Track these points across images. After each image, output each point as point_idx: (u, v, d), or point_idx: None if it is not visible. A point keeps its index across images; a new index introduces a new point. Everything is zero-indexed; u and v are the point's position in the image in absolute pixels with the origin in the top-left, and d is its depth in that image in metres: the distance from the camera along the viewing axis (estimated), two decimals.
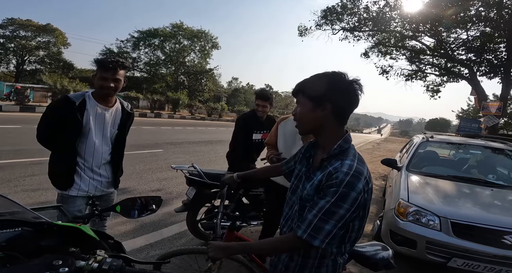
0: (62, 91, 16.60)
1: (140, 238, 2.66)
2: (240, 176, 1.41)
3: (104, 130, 1.72)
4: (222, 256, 0.96)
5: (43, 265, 0.71)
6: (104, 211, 1.12)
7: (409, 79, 13.75)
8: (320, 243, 0.83)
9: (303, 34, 14.06)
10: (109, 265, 0.75)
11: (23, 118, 10.92)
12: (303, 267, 0.97)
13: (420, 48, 12.84)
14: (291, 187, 1.08)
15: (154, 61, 37.34)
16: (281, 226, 1.08)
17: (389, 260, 1.23)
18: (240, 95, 50.55)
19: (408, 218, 2.44)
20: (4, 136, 6.66)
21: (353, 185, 0.82)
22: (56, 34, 35.61)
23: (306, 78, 0.96)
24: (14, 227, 0.82)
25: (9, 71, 36.35)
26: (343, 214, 0.81)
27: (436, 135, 4.67)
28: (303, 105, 0.94)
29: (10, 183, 3.67)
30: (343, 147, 0.91)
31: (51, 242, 0.86)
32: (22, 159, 4.83)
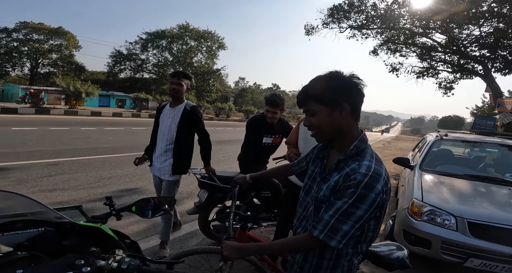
0: (75, 93, 17.06)
1: (153, 237, 2.69)
2: (253, 177, 1.41)
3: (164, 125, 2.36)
4: (236, 256, 0.95)
5: (66, 265, 0.72)
6: (120, 211, 1.12)
7: (420, 76, 13.43)
8: (337, 243, 0.82)
9: (310, 33, 13.92)
10: (127, 264, 0.76)
11: (38, 120, 11.29)
12: (318, 268, 0.96)
13: (431, 45, 12.53)
14: (304, 188, 1.07)
15: (162, 62, 37.85)
16: (295, 226, 1.08)
17: (405, 260, 1.21)
18: (247, 95, 50.67)
19: (422, 217, 2.39)
20: (21, 138, 6.89)
21: (372, 186, 0.81)
22: (67, 37, 36.51)
23: (309, 84, 0.91)
24: (37, 227, 0.84)
25: (24, 74, 37.51)
26: (361, 215, 0.81)
27: (450, 133, 4.55)
28: (318, 112, 0.89)
29: (28, 184, 3.78)
30: (360, 148, 0.89)
31: (73, 241, 0.87)
32: (38, 160, 4.97)
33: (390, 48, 13.38)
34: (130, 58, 37.20)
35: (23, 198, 0.93)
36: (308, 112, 0.91)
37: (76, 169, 4.70)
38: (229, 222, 1.25)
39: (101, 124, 11.94)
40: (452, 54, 12.29)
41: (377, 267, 1.25)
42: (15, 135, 7.22)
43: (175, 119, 2.33)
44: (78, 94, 16.96)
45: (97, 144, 7.06)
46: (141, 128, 11.84)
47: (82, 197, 3.51)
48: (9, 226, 0.81)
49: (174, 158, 2.33)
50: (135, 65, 37.89)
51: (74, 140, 7.32)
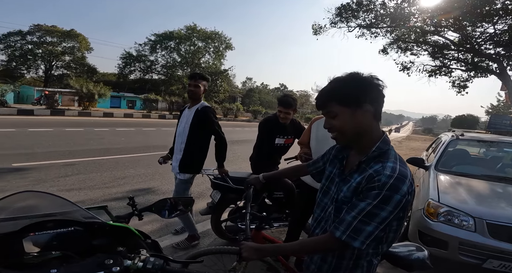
0: (88, 95, 17.47)
1: (166, 237, 2.73)
2: (266, 176, 1.42)
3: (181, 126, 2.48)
4: (255, 257, 0.96)
5: (97, 264, 0.74)
6: (142, 211, 1.15)
7: (433, 75, 13.11)
8: (361, 244, 0.82)
9: (317, 33, 13.79)
10: (152, 264, 0.77)
11: (54, 121, 11.63)
12: (337, 268, 0.96)
13: (444, 43, 12.21)
14: (322, 189, 1.07)
15: (171, 64, 38.26)
16: (312, 227, 1.08)
17: (425, 260, 1.19)
18: (255, 95, 50.65)
19: (439, 218, 2.37)
20: (39, 138, 7.11)
21: (398, 188, 0.80)
22: (79, 39, 37.33)
23: (329, 86, 0.91)
24: (67, 227, 0.86)
25: (38, 76, 38.59)
26: (386, 216, 0.81)
27: (466, 132, 4.44)
28: (339, 114, 0.88)
29: (46, 184, 3.90)
30: (383, 149, 0.89)
31: (102, 241, 0.89)
32: (55, 160, 5.12)
33: (400, 46, 13.11)
34: (140, 59, 37.81)
35: (53, 198, 0.94)
36: (329, 114, 0.91)
37: (91, 169, 4.83)
38: (246, 223, 1.26)
39: (113, 125, 12.19)
40: (465, 52, 11.95)
41: (394, 267, 1.24)
42: (32, 136, 7.46)
43: (189, 120, 2.40)
44: (91, 95, 17.36)
45: (110, 145, 7.22)
46: (151, 129, 12.03)
47: (97, 197, 3.60)
48: (40, 226, 0.84)
49: (183, 157, 2.39)
50: (145, 66, 38.49)
51: (89, 141, 7.50)
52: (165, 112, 23.70)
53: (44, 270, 0.70)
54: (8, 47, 34.86)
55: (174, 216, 1.22)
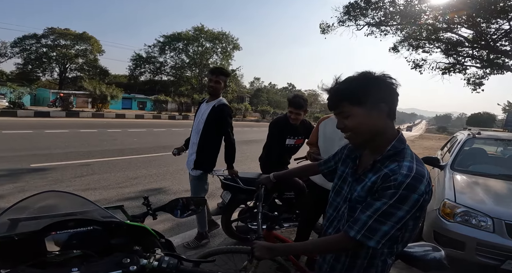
0: (101, 97, 17.92)
1: (177, 236, 2.77)
2: (276, 176, 1.42)
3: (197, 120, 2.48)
4: (268, 256, 0.96)
5: (115, 263, 0.75)
6: (156, 210, 1.16)
7: (446, 72, 12.74)
8: (376, 243, 0.82)
9: (325, 32, 13.63)
10: (167, 263, 0.78)
11: (69, 123, 11.99)
12: (351, 267, 0.96)
13: (457, 40, 11.85)
14: (334, 188, 1.06)
15: (179, 65, 38.74)
16: (324, 227, 1.07)
17: (442, 260, 1.17)
18: (263, 95, 50.63)
19: (455, 219, 2.33)
20: (55, 140, 7.35)
21: (415, 187, 0.79)
22: (91, 42, 38.26)
23: (341, 86, 0.90)
24: (86, 226, 0.88)
25: (53, 79, 39.84)
26: (403, 216, 0.80)
27: (482, 131, 4.30)
28: (353, 114, 0.87)
29: (62, 184, 4.02)
30: (398, 148, 0.88)
31: (119, 240, 0.91)
32: (71, 161, 5.28)
33: (411, 44, 12.80)
34: (149, 61, 38.50)
35: (73, 197, 0.96)
36: (342, 114, 0.90)
37: (105, 169, 4.95)
38: (258, 222, 1.27)
39: (125, 126, 12.45)
40: (480, 49, 11.56)
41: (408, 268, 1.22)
42: (49, 137, 7.72)
43: (204, 115, 2.42)
44: (104, 97, 17.80)
45: (123, 146, 7.38)
46: (161, 130, 12.23)
47: (112, 197, 3.68)
48: (61, 225, 0.86)
49: (197, 153, 2.41)
50: (154, 67, 39.15)
51: (102, 142, 7.69)
52: (174, 113, 24.03)
53: (66, 269, 0.72)
54: (23, 50, 36.09)
55: (186, 216, 1.23)
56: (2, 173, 4.24)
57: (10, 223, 0.87)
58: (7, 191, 3.53)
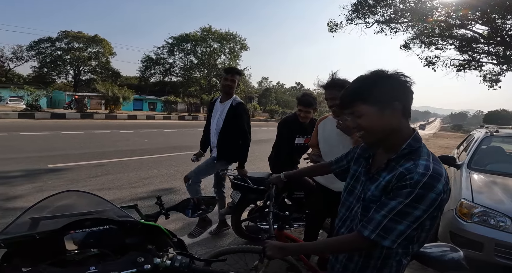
0: (114, 98, 18.35)
1: (187, 236, 2.81)
2: (287, 175, 1.42)
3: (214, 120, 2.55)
4: (279, 255, 0.97)
5: (130, 262, 0.76)
6: (169, 210, 1.17)
7: (461, 69, 12.35)
8: (391, 243, 0.81)
9: (333, 30, 13.43)
10: (179, 262, 0.78)
11: (84, 124, 12.35)
12: (364, 267, 0.95)
13: (472, 37, 11.46)
14: (346, 188, 1.05)
15: (188, 65, 39.17)
16: (337, 226, 1.07)
17: (461, 261, 1.13)
18: (271, 94, 50.57)
19: (473, 219, 2.27)
20: (71, 141, 7.59)
21: (432, 186, 0.78)
22: (103, 44, 39.22)
23: (354, 85, 0.89)
24: (102, 225, 0.90)
25: (68, 81, 41.13)
26: (419, 215, 0.78)
27: (500, 128, 4.14)
28: (366, 113, 0.86)
29: (78, 184, 4.14)
30: (414, 147, 0.86)
31: (134, 239, 0.92)
32: (86, 161, 5.43)
33: (423, 41, 12.47)
34: (159, 62, 39.12)
35: (90, 196, 0.99)
36: (354, 114, 0.89)
37: (118, 169, 5.06)
38: (269, 222, 1.26)
39: (137, 127, 12.71)
40: (496, 45, 11.15)
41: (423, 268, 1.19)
42: (65, 138, 7.98)
43: (223, 115, 2.48)
44: (116, 99, 18.22)
45: (135, 146, 7.53)
46: (172, 130, 12.41)
47: (125, 196, 3.77)
48: (79, 224, 0.88)
49: (219, 152, 2.49)
50: (164, 69, 39.76)
51: (115, 143, 7.88)
52: (184, 113, 24.33)
53: (84, 268, 0.73)
54: (39, 53, 37.38)
55: (197, 216, 1.24)
56: (22, 173, 4.41)
57: (32, 222, 0.90)
58: (27, 190, 3.67)
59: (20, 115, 13.12)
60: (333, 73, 1.77)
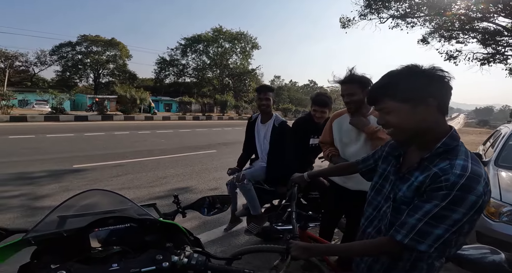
0: (131, 100, 18.97)
1: (203, 234, 2.83)
2: (311, 175, 1.40)
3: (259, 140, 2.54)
4: (306, 256, 0.95)
5: (150, 260, 0.78)
6: (185, 209, 1.19)
7: (485, 63, 11.70)
8: (428, 247, 0.77)
9: (346, 26, 13.11)
10: (196, 260, 0.79)
11: (105, 126, 12.85)
12: (391, 269, 0.92)
13: (495, 30, 10.85)
14: (374, 187, 1.02)
15: (201, 66, 39.67)
16: (363, 226, 1.04)
17: (502, 264, 1.08)
18: (284, 93, 50.24)
19: (501, 218, 2.19)
20: (94, 142, 7.92)
21: (471, 188, 0.73)
22: (120, 47, 40.48)
23: (384, 81, 0.85)
24: (124, 223, 0.92)
25: (89, 85, 42.89)
26: (459, 219, 0.74)
27: None
28: (395, 110, 0.82)
29: (101, 183, 4.32)
30: (450, 145, 0.81)
31: (153, 237, 0.94)
32: (108, 162, 5.65)
33: (443, 35, 11.93)
34: (173, 63, 39.89)
35: (113, 195, 1.02)
36: (383, 110, 0.85)
37: (137, 169, 5.23)
38: (293, 221, 1.26)
39: (154, 127, 13.06)
40: None
41: (458, 270, 1.14)
42: (88, 140, 8.34)
43: (267, 136, 2.47)
44: (134, 100, 18.84)
45: (152, 146, 7.75)
46: (186, 130, 12.65)
47: (144, 195, 3.89)
48: (103, 222, 0.91)
49: (268, 170, 2.44)
50: (177, 70, 40.51)
51: (134, 143, 8.14)
52: (198, 113, 24.71)
53: (107, 265, 0.75)
54: (61, 58, 39.08)
55: (212, 214, 1.25)
56: (49, 173, 4.66)
57: (59, 220, 0.94)
58: (53, 190, 3.88)
59: (46, 118, 13.85)
60: (351, 69, 1.71)
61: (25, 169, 4.81)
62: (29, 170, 4.78)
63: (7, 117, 12.60)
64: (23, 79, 37.32)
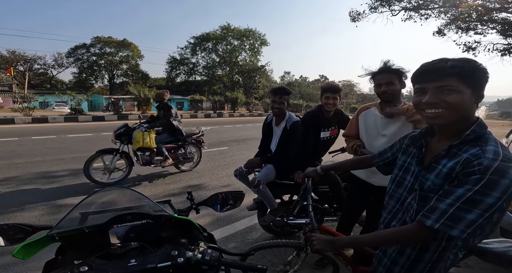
0: (145, 100, 19.36)
1: (217, 231, 2.89)
2: (324, 168, 1.40)
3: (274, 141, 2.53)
4: (329, 249, 0.95)
5: (165, 255, 0.80)
6: (199, 205, 1.22)
7: (506, 54, 11.08)
8: (460, 233, 0.76)
9: (356, 20, 12.75)
10: (210, 256, 0.81)
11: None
12: (417, 261, 0.92)
13: None
14: (394, 180, 1.02)
15: (211, 64, 39.84)
16: (386, 220, 1.03)
17: None
18: (294, 88, 49.73)
19: None
20: (111, 141, 8.21)
21: (505, 172, 0.73)
22: (132, 48, 41.19)
23: (454, 62, 0.82)
24: (141, 220, 0.95)
25: (104, 85, 44.03)
26: (493, 203, 0.73)
27: None
28: (461, 91, 0.80)
29: (120, 181, 4.44)
30: (479, 133, 0.82)
31: (168, 233, 0.97)
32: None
33: (460, 26, 11.41)
34: (183, 62, 40.31)
35: (130, 192, 1.06)
36: (446, 88, 0.81)
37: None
38: (310, 214, 1.26)
39: None
40: None
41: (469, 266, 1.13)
42: (106, 139, 8.60)
43: (278, 137, 2.48)
44: (147, 100, 19.22)
45: None
46: None
47: (160, 193, 4.01)
48: (121, 219, 0.94)
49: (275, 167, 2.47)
50: (188, 68, 40.92)
51: None
52: (209, 111, 24.90)
53: (126, 261, 0.78)
54: (77, 60, 40.24)
55: (225, 210, 1.26)
56: (71, 172, 4.88)
57: (81, 217, 0.99)
58: (76, 188, 4.07)
59: (65, 119, 14.37)
60: (387, 61, 1.72)
61: (48, 168, 5.05)
62: (52, 169, 5.01)
63: (30, 119, 13.18)
64: (43, 81, 38.83)
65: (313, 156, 2.59)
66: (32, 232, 0.93)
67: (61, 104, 23.15)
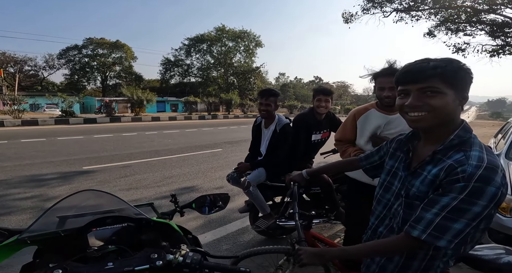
0: (138, 101, 19.20)
1: (208, 233, 2.86)
2: (310, 172, 1.35)
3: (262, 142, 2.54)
4: (318, 262, 0.91)
5: (144, 258, 0.79)
6: (183, 208, 1.20)
7: (495, 55, 11.38)
8: (448, 243, 0.73)
9: (349, 21, 12.92)
10: (191, 259, 0.81)
11: (113, 127, 13.06)
12: (404, 268, 0.90)
13: (503, 21, 10.55)
14: (382, 185, 1.00)
15: (205, 66, 39.79)
16: (373, 225, 1.01)
17: None
18: (289, 90, 50.05)
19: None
20: (102, 144, 8.06)
21: (489, 179, 0.71)
22: (125, 49, 40.81)
23: (437, 62, 0.79)
24: (121, 223, 0.94)
25: (97, 87, 43.50)
26: (479, 212, 0.71)
27: None
28: (444, 93, 0.77)
29: (110, 184, 4.42)
30: (463, 137, 0.80)
31: (149, 236, 0.96)
32: (116, 163, 5.76)
33: (450, 28, 11.67)
34: (177, 64, 40.12)
35: (110, 196, 1.03)
36: (429, 90, 0.78)
37: (144, 170, 5.31)
38: (297, 223, 1.18)
39: (161, 128, 13.21)
40: None
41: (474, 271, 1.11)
42: (97, 142, 8.50)
43: (268, 140, 2.48)
44: (141, 102, 19.06)
45: (159, 147, 7.84)
46: (192, 130, 12.73)
47: (151, 195, 3.96)
48: (101, 222, 0.93)
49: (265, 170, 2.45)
50: (182, 70, 40.75)
51: (142, 144, 8.25)
52: (204, 113, 24.83)
53: (102, 264, 0.77)
54: (69, 61, 39.61)
55: (213, 212, 1.24)
56: (60, 175, 4.78)
57: (59, 220, 0.96)
58: (64, 191, 3.98)
59: (56, 121, 14.16)
60: (393, 62, 1.60)
61: (37, 171, 4.96)
62: (41, 172, 4.92)
63: (19, 121, 12.95)
64: (33, 83, 38.15)
65: (304, 158, 2.58)
66: (9, 235, 0.91)
67: (52, 106, 22.77)
